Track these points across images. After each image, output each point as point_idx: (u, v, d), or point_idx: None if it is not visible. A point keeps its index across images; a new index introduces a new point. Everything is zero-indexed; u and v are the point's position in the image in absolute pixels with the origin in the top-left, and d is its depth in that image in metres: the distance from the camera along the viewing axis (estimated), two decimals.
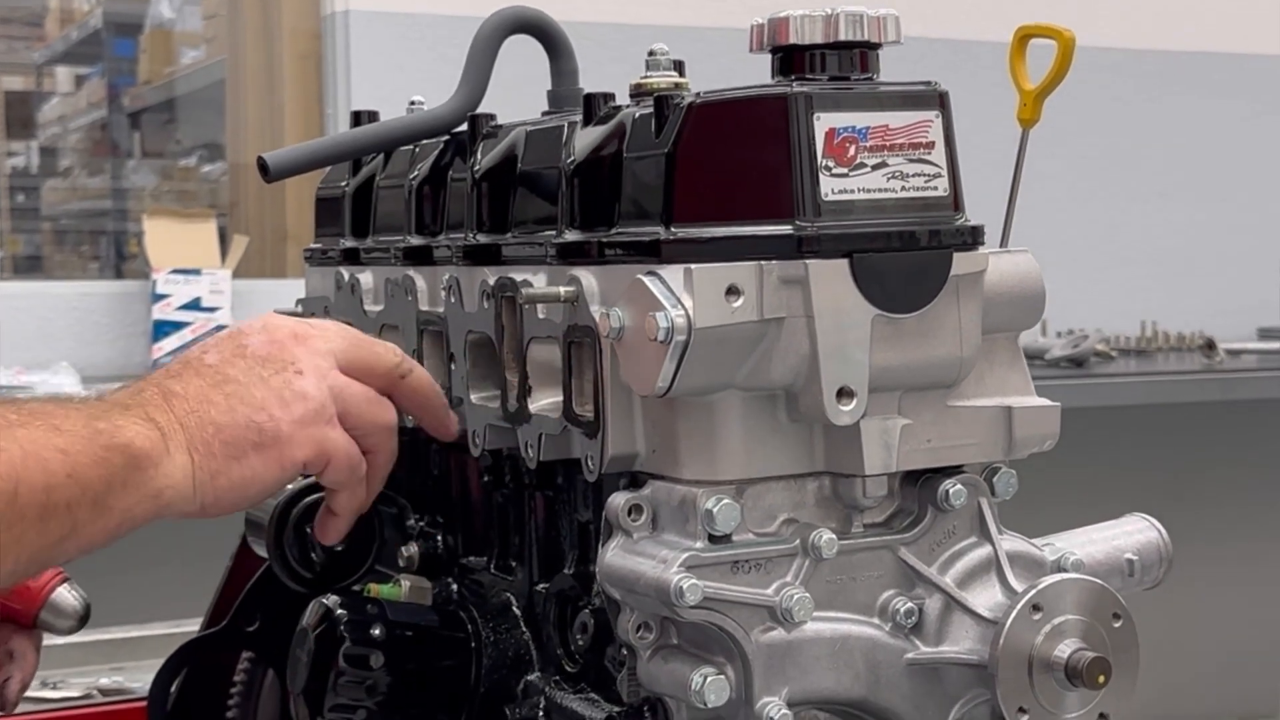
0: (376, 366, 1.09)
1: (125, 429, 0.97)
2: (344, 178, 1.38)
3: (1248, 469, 4.11)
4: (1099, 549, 1.09)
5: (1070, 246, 3.90)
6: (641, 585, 0.94)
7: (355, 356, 1.08)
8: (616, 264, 0.98)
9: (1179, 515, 1.15)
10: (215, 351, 1.05)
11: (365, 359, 1.08)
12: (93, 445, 0.96)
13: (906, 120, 0.95)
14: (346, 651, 1.11)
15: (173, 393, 1.01)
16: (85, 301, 3.27)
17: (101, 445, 0.96)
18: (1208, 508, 3.93)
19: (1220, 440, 4.06)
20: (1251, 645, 4.11)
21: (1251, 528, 4.11)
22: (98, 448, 0.96)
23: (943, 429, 0.99)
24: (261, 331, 1.06)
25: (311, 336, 1.07)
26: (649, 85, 1.01)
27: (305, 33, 3.64)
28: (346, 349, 1.08)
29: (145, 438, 0.98)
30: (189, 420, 1.00)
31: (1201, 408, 3.78)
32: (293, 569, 1.22)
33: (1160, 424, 3.93)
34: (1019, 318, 1.02)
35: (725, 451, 0.95)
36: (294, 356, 1.05)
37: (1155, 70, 4.20)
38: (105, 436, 0.96)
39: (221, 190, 4.21)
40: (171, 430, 0.99)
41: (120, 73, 4.89)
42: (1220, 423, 4.00)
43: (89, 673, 1.84)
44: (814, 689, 0.96)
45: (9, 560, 0.93)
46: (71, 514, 0.95)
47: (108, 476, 0.96)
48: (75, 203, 5.11)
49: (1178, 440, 4.00)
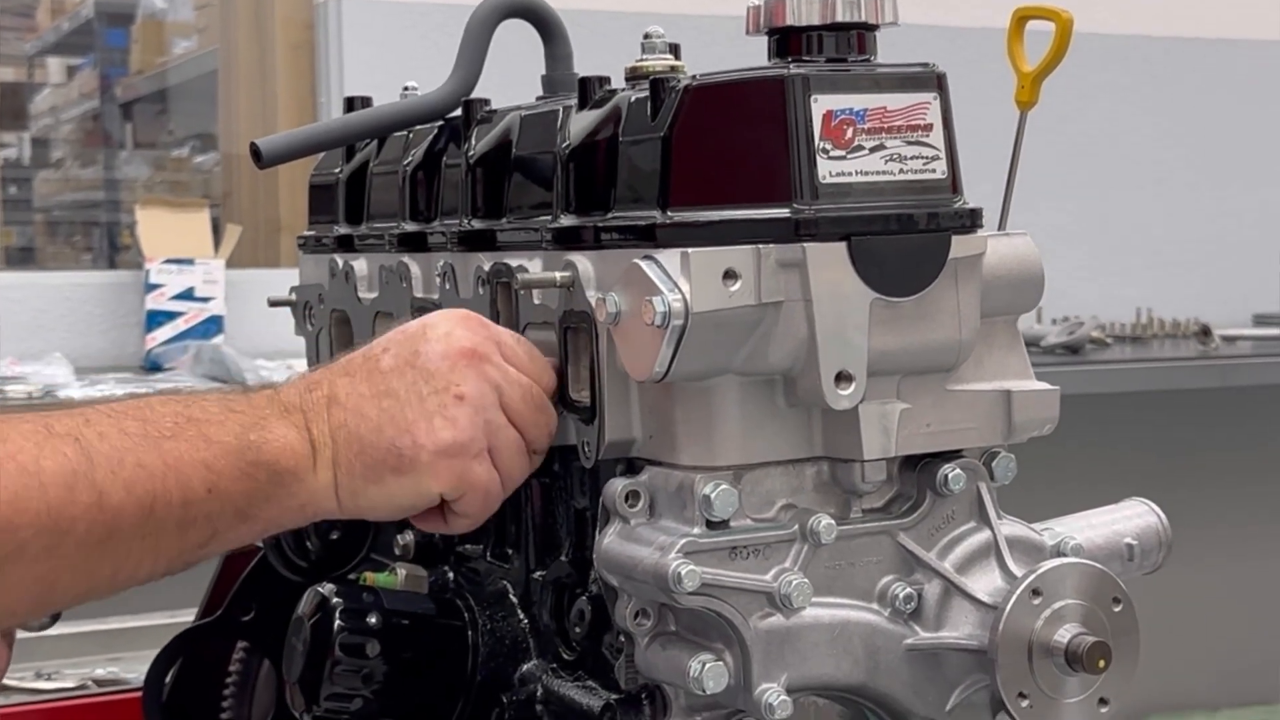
0: (541, 406, 1.04)
1: (275, 441, 0.98)
2: (337, 164, 1.38)
3: (1243, 455, 4.11)
4: (1098, 534, 1.09)
5: (1065, 233, 3.89)
6: (639, 572, 0.93)
7: (524, 396, 1.02)
8: (613, 248, 0.97)
9: (1175, 501, 1.15)
10: (393, 355, 1.02)
11: (534, 400, 1.03)
12: (239, 461, 0.97)
13: (904, 102, 0.95)
14: (342, 640, 1.11)
15: (337, 400, 1.01)
16: (78, 292, 3.26)
17: (248, 461, 0.98)
18: (1203, 493, 3.93)
19: (1216, 426, 4.06)
20: (1251, 629, 4.11)
21: (1246, 514, 4.11)
22: (244, 463, 0.98)
23: (942, 413, 0.98)
24: (443, 340, 1.02)
25: (488, 360, 1.02)
26: (645, 68, 1.01)
27: (297, 22, 3.63)
28: (516, 387, 1.02)
29: (293, 454, 0.99)
30: (340, 434, 1.00)
31: (1197, 394, 3.78)
32: (288, 558, 1.21)
33: (1156, 410, 3.93)
34: (1018, 301, 1.02)
35: (723, 437, 0.95)
36: (461, 379, 1.00)
37: (1150, 56, 4.19)
38: (253, 451, 0.98)
39: (214, 180, 4.19)
40: (322, 445, 1.00)
41: (112, 63, 4.87)
42: (1216, 409, 3.99)
43: (84, 663, 1.84)
44: (813, 675, 0.95)
45: (148, 563, 0.97)
46: (211, 523, 0.98)
47: (250, 490, 0.98)
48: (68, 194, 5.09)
49: (1173, 426, 4.00)
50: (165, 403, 0.99)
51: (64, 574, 0.93)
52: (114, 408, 0.98)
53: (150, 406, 0.98)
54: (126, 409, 0.98)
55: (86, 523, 0.93)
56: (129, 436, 0.95)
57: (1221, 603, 4.07)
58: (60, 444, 0.93)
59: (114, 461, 0.94)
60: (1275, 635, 4.13)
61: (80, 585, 0.96)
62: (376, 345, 1.04)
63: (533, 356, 1.04)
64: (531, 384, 1.03)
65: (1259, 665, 4.12)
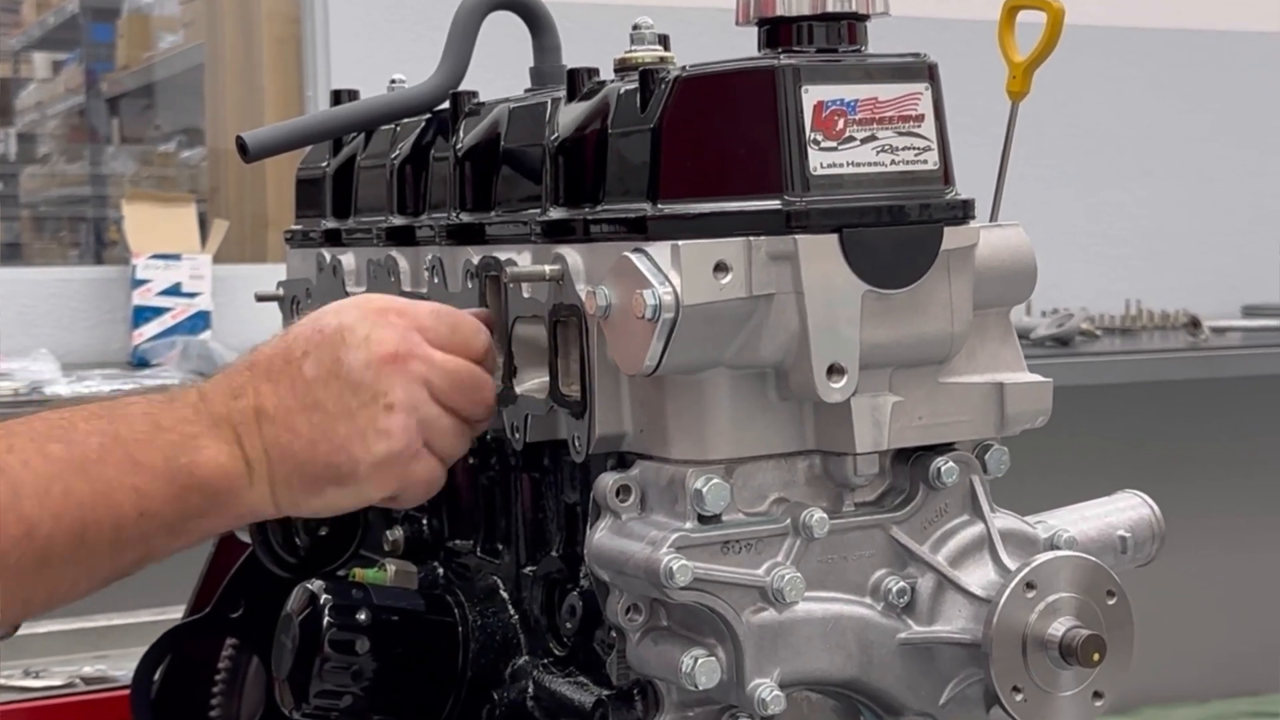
0: (475, 382, 1.03)
1: (207, 464, 0.98)
2: (324, 158, 1.37)
3: (1234, 446, 4.11)
4: (1092, 526, 1.08)
5: (1054, 225, 3.89)
6: (631, 567, 0.93)
7: (454, 382, 1.02)
8: (602, 241, 0.97)
9: (1165, 492, 1.14)
10: (314, 361, 1.00)
11: (464, 381, 1.02)
12: (171, 485, 0.97)
13: (896, 93, 0.94)
14: (332, 637, 1.10)
15: (265, 412, 0.99)
16: (65, 288, 3.24)
17: (180, 485, 0.97)
18: (1192, 485, 3.93)
19: (1206, 417, 4.06)
20: (1240, 620, 4.12)
21: (1234, 505, 4.11)
22: (176, 487, 0.97)
23: (934, 406, 0.98)
24: (363, 345, 1.00)
25: (412, 357, 1.00)
26: (634, 60, 1.00)
27: (283, 16, 3.62)
28: (444, 375, 1.01)
29: (227, 475, 0.98)
30: (274, 450, 0.99)
31: (1187, 385, 3.78)
32: (277, 554, 1.20)
33: (1146, 402, 3.93)
34: (1010, 292, 1.01)
35: (714, 430, 0.94)
36: (388, 386, 0.99)
37: (1139, 47, 4.19)
38: (185, 475, 0.97)
39: (201, 175, 4.18)
40: (257, 461, 0.99)
41: (98, 58, 4.86)
42: (1206, 400, 4.00)
43: (72, 661, 1.83)
44: (806, 670, 0.95)
45: (83, 584, 0.97)
46: (145, 542, 0.97)
47: (184, 510, 0.98)
48: (54, 189, 5.07)
49: (1163, 418, 4.00)
50: (89, 419, 0.97)
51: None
52: (36, 428, 0.96)
53: (74, 426, 0.97)
54: (50, 429, 0.96)
55: (17, 554, 0.92)
56: (54, 462, 0.94)
57: (1211, 594, 4.07)
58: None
59: (40, 491, 0.93)
60: (1265, 626, 4.14)
61: (15, 608, 0.95)
62: (294, 345, 1.01)
63: (456, 328, 1.03)
64: (460, 364, 1.02)
65: (1248, 656, 4.12)
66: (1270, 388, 3.88)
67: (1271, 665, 4.10)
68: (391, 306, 1.03)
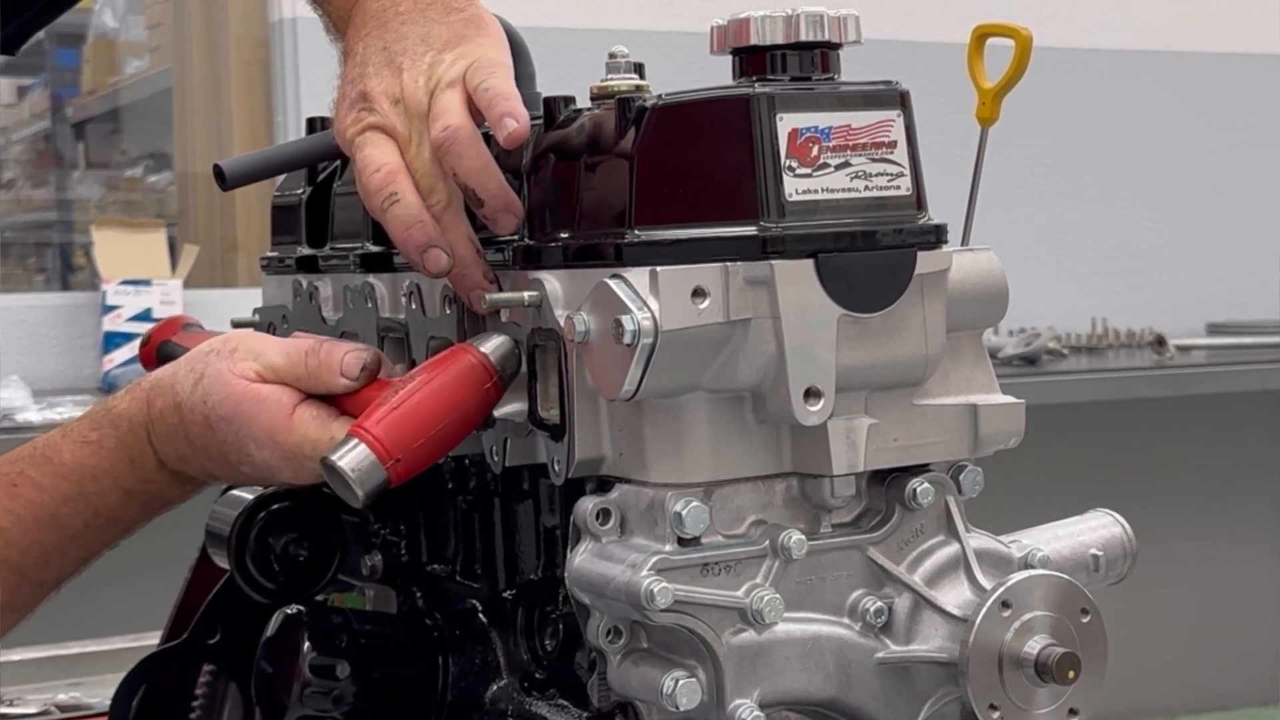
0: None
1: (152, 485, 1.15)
2: (300, 185, 1.37)
3: (1200, 463, 4.14)
4: (1065, 545, 1.09)
5: (1020, 245, 3.91)
6: (611, 589, 0.94)
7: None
8: (580, 268, 0.97)
9: (1133, 510, 1.16)
10: (201, 424, 1.11)
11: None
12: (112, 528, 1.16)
13: (869, 120, 0.95)
14: (311, 662, 1.10)
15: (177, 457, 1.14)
16: (33, 314, 3.23)
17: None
18: (1160, 503, 3.96)
19: (1172, 435, 4.09)
20: (1208, 636, 4.15)
21: (1200, 523, 4.14)
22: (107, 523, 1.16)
23: (909, 428, 0.99)
24: (223, 422, 1.09)
25: (252, 420, 1.08)
26: (610, 88, 1.01)
27: (252, 40, 3.62)
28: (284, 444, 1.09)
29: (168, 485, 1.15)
30: (186, 467, 1.14)
31: (1153, 403, 3.81)
32: (255, 580, 1.21)
33: (1112, 420, 3.96)
34: (983, 315, 1.02)
35: (693, 454, 0.95)
36: (247, 454, 1.09)
37: (1101, 69, 4.23)
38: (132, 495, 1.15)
39: (169, 200, 4.17)
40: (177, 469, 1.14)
41: (63, 83, 4.84)
42: (1172, 418, 4.03)
43: (46, 689, 1.82)
44: (785, 690, 0.95)
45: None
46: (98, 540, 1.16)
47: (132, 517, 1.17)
48: (20, 215, 5.05)
49: (1130, 436, 4.03)
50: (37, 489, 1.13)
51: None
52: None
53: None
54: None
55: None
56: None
57: (1178, 610, 4.10)
58: None
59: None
60: (1231, 641, 4.17)
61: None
62: (187, 412, 1.12)
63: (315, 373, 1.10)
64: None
65: (1216, 671, 4.15)
66: (1235, 404, 3.92)
67: (1240, 680, 4.13)
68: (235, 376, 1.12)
